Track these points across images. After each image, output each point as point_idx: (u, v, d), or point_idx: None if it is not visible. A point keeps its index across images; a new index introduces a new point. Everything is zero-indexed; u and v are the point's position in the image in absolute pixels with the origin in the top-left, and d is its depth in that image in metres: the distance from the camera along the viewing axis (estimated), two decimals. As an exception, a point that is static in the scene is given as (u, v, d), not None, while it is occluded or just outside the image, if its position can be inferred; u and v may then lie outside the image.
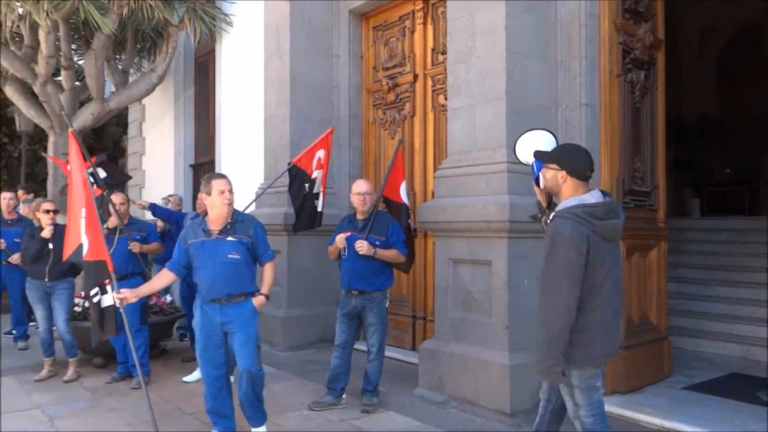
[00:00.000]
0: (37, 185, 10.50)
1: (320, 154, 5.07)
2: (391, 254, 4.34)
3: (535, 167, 2.92)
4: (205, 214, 3.73)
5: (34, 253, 5.10)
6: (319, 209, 5.14)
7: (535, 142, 2.94)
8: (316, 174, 5.07)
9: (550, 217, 2.75)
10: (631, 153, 4.69)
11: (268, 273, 3.77)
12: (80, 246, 3.87)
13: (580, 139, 4.39)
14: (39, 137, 10.98)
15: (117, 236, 4.99)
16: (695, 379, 5.07)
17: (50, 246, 5.10)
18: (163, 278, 3.76)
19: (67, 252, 4.02)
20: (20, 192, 7.15)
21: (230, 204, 3.58)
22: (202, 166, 9.65)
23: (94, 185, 4.70)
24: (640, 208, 4.78)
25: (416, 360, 4.95)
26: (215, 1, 8.61)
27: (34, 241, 5.11)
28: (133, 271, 5.12)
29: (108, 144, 13.30)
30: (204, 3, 8.35)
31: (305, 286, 6.33)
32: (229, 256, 3.53)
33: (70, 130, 4.25)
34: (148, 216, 6.67)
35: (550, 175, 2.76)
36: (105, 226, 5.05)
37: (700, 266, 7.58)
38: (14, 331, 6.58)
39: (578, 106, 4.40)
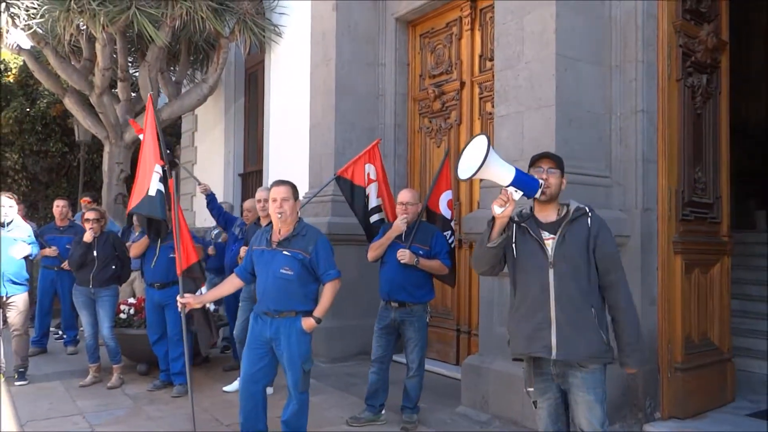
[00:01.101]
0: (95, 193, 10.86)
1: (369, 168, 4.93)
2: (434, 265, 4.19)
3: (517, 176, 2.53)
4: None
5: (77, 258, 5.18)
6: (386, 221, 4.96)
7: (477, 155, 2.48)
8: (369, 190, 4.92)
9: (572, 213, 2.68)
10: (691, 162, 4.40)
11: (326, 294, 3.48)
12: (145, 198, 4.19)
13: (636, 147, 4.15)
14: (97, 147, 11.33)
15: (159, 245, 5.01)
16: (762, 405, 4.70)
17: (95, 253, 5.16)
18: (229, 284, 3.67)
19: (132, 203, 4.22)
20: (84, 199, 7.36)
21: (281, 213, 3.39)
22: (251, 176, 9.75)
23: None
24: (701, 220, 4.48)
25: (460, 376, 4.77)
26: (265, 12, 8.70)
27: (77, 247, 5.20)
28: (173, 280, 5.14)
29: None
30: (254, 15, 8.45)
31: (348, 297, 6.20)
32: (282, 270, 3.37)
33: (149, 94, 4.75)
34: (205, 220, 6.71)
35: (556, 180, 2.71)
36: (146, 235, 5.11)
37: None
38: (65, 336, 6.73)
39: (634, 112, 4.15)
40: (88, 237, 5.14)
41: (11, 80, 12.04)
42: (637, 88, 4.14)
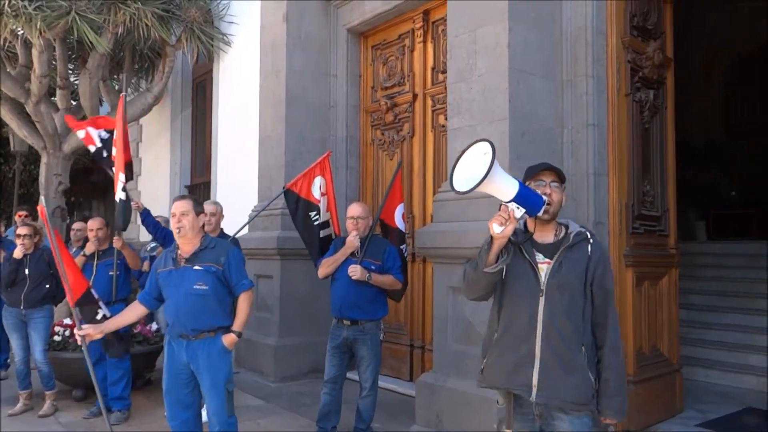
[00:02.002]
0: (31, 206, 10.32)
1: (320, 181, 4.81)
2: (386, 280, 4.09)
3: (520, 190, 2.12)
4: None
5: (5, 277, 4.84)
6: (333, 237, 4.84)
7: (477, 164, 2.07)
8: (322, 203, 4.81)
9: (572, 237, 2.33)
10: (640, 176, 4.46)
11: (242, 306, 3.37)
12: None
13: (587, 161, 4.16)
14: (34, 158, 10.81)
15: (96, 262, 4.75)
16: (709, 415, 4.78)
17: (26, 271, 4.84)
18: (131, 312, 3.46)
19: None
20: (19, 213, 6.92)
21: (180, 228, 3.26)
22: (198, 187, 9.47)
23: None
24: (650, 233, 4.53)
25: (413, 392, 4.67)
26: (213, 21, 8.48)
27: (6, 264, 4.86)
28: (118, 298, 4.89)
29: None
30: (201, 23, 8.21)
31: (299, 313, 6.07)
32: (195, 286, 3.22)
33: (121, 95, 4.94)
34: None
35: (559, 197, 2.38)
36: (82, 252, 4.84)
37: (713, 292, 7.31)
38: (-5, 360, 6.31)
39: (585, 126, 4.17)
40: (17, 253, 4.81)
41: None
42: (587, 102, 4.16)
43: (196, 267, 3.27)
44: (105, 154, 5.62)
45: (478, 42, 4.21)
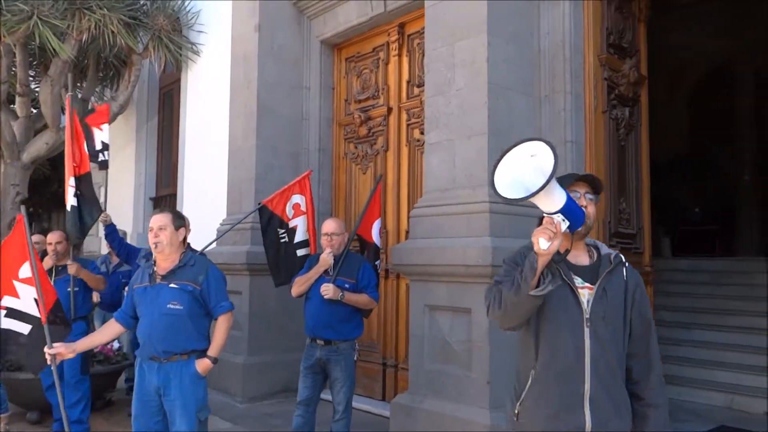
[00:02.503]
0: None
1: (298, 199, 4.69)
2: (361, 299, 3.96)
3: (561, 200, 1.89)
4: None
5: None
6: (305, 254, 4.72)
7: (530, 167, 1.89)
8: (296, 222, 4.68)
9: (613, 260, 2.09)
10: (616, 193, 4.46)
11: (220, 329, 3.20)
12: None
13: (565, 177, 4.13)
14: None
15: (54, 278, 4.51)
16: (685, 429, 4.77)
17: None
18: (108, 330, 3.27)
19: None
20: None
21: (157, 243, 3.11)
22: (164, 199, 9.20)
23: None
24: (626, 251, 4.51)
25: (387, 412, 4.55)
26: (182, 29, 8.29)
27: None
28: (78, 316, 4.65)
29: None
30: (170, 31, 8.01)
31: (269, 331, 5.88)
32: (169, 305, 3.05)
33: (68, 95, 4.65)
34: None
35: (594, 211, 2.11)
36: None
37: (681, 309, 7.38)
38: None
39: (563, 143, 4.15)
40: None
41: None
42: (565, 119, 4.15)
43: (172, 285, 3.10)
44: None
45: (456, 56, 4.16)
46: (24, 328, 3.43)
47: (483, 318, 3.77)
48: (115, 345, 5.40)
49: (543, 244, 1.86)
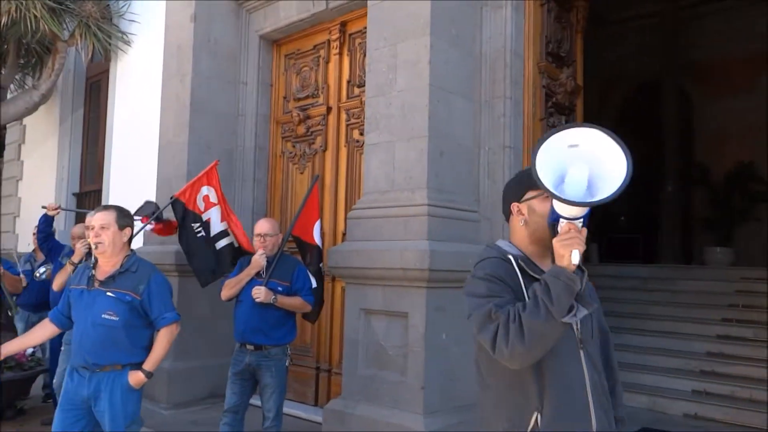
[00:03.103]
0: None
1: (206, 191, 4.53)
2: (294, 302, 3.84)
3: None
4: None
5: None
6: (236, 245, 4.58)
7: (566, 158, 1.58)
8: (209, 215, 4.52)
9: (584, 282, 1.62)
10: (552, 200, 4.50)
11: (160, 342, 2.96)
12: None
13: (503, 182, 4.14)
14: None
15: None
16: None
17: None
18: (40, 331, 3.00)
19: None
20: None
21: (98, 245, 2.88)
22: (88, 195, 8.73)
23: None
24: (560, 257, 4.58)
25: (320, 418, 4.43)
26: (112, 17, 7.89)
27: None
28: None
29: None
30: (99, 19, 7.61)
31: (197, 335, 5.63)
32: (104, 316, 2.83)
33: None
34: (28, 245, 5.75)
35: None
36: None
37: (608, 313, 7.54)
38: None
39: (502, 148, 4.17)
40: None
41: None
42: (505, 124, 4.17)
43: (109, 293, 2.86)
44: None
45: (399, 56, 4.10)
46: None
47: (419, 322, 3.72)
48: (29, 350, 5.03)
49: (576, 257, 1.54)
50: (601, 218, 11.55)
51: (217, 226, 4.55)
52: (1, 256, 5.37)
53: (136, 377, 2.89)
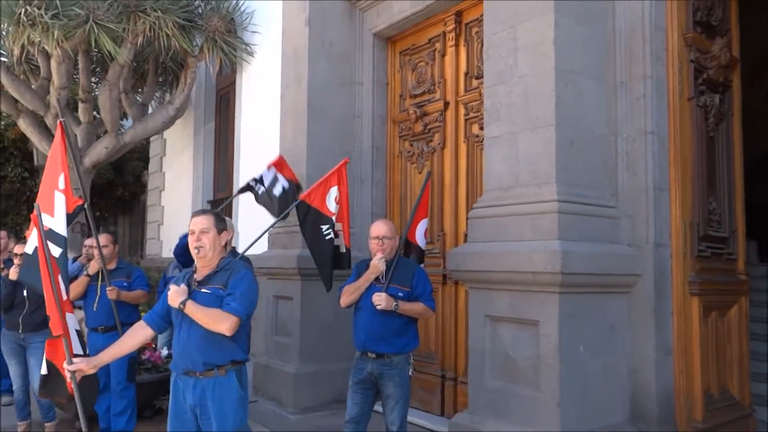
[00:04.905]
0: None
1: (336, 192, 4.41)
2: (416, 308, 3.61)
3: None
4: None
5: (3, 299, 4.49)
6: (342, 250, 4.49)
7: None
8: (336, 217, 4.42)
9: None
10: (705, 191, 3.91)
11: (218, 313, 2.76)
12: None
13: (646, 174, 3.65)
14: (58, 172, 10.66)
15: (100, 284, 4.38)
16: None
17: (24, 293, 4.48)
18: (133, 336, 2.98)
19: None
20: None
21: (199, 248, 2.86)
22: (221, 203, 9.14)
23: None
24: (717, 257, 3.97)
25: (446, 429, 4.18)
26: (236, 30, 8.19)
27: (3, 285, 4.52)
28: (123, 323, 4.50)
29: (129, 179, 12.96)
30: (224, 33, 7.92)
31: (321, 338, 5.61)
32: None
33: (59, 121, 4.02)
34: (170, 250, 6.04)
35: None
36: (86, 272, 4.48)
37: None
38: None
39: (642, 134, 3.66)
40: (13, 274, 4.45)
41: (-33, 102, 11.30)
42: (645, 107, 3.66)
43: (204, 290, 2.85)
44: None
45: (519, 39, 3.75)
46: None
47: (552, 331, 3.34)
48: (164, 352, 5.26)
49: None
50: (759, 213, 10.22)
51: (338, 226, 4.44)
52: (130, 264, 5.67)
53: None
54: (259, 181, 5.15)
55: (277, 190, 5.08)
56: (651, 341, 3.56)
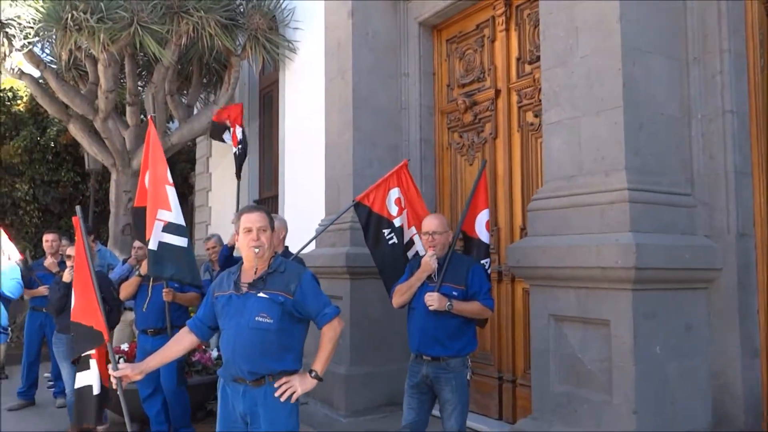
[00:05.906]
0: (60, 228, 10.26)
1: (397, 194, 4.17)
2: (472, 308, 3.40)
3: None
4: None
5: (55, 302, 4.49)
6: (422, 254, 4.22)
7: None
8: (401, 220, 4.16)
9: None
10: (791, 176, 3.56)
11: (326, 341, 2.75)
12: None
13: (725, 157, 3.33)
14: (108, 175, 10.84)
15: (151, 284, 4.32)
16: None
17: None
18: (178, 343, 2.88)
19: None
20: (47, 237, 6.56)
21: (259, 248, 2.70)
22: (267, 202, 9.10)
23: None
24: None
25: (506, 434, 3.96)
26: (278, 27, 8.11)
27: (56, 288, 4.51)
28: (173, 325, 4.44)
29: (176, 180, 13.08)
30: (266, 30, 7.85)
31: (373, 339, 5.44)
32: (257, 318, 2.64)
33: (150, 116, 4.27)
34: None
35: None
36: (137, 272, 4.43)
37: None
38: (55, 386, 6.04)
39: (720, 113, 3.35)
40: (66, 277, 4.45)
41: (22, 109, 11.62)
42: (723, 83, 3.34)
43: (261, 294, 2.69)
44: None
45: (578, 18, 3.48)
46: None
47: (626, 332, 3.07)
48: (214, 354, 5.19)
49: None
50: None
51: (408, 233, 4.20)
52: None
53: (306, 381, 2.68)
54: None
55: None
56: (735, 341, 3.26)
